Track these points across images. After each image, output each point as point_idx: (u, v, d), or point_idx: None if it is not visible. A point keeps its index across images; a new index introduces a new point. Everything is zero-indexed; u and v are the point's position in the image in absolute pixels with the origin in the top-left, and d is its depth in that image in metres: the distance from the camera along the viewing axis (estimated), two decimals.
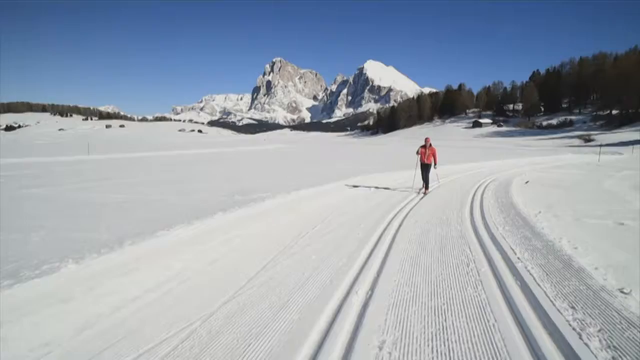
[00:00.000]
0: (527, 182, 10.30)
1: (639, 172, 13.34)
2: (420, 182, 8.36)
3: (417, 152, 8.40)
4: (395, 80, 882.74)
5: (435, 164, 8.38)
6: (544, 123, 72.53)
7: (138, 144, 45.25)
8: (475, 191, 8.37)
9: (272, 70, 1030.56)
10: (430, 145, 8.31)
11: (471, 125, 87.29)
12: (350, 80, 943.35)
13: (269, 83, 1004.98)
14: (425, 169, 8.25)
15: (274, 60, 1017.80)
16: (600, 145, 30.49)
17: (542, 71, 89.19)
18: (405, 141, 64.62)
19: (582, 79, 71.45)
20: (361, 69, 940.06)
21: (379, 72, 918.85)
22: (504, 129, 76.66)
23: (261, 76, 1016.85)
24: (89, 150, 26.13)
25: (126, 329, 2.29)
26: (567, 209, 6.09)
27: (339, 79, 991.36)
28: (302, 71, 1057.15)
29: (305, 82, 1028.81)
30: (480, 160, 18.10)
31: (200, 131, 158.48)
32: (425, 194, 7.99)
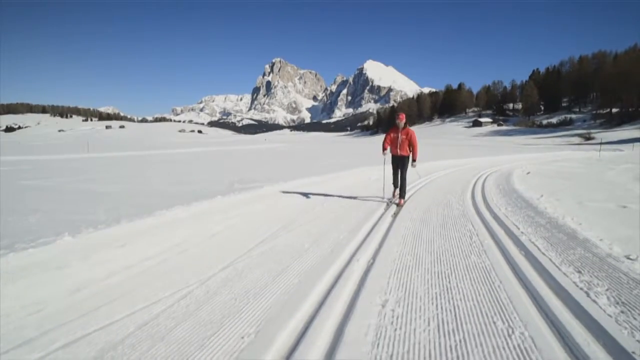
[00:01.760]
0: (528, 173, 10.25)
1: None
2: (392, 186, 5.47)
3: (384, 141, 5.35)
4: (395, 80, 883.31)
5: (414, 159, 5.26)
6: (544, 122, 72.43)
7: (138, 143, 45.22)
8: (476, 181, 8.31)
9: (271, 70, 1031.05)
10: (406, 125, 5.20)
11: (471, 124, 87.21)
12: (350, 80, 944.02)
13: (268, 83, 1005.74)
14: (399, 164, 5.28)
15: (273, 60, 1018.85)
16: (601, 143, 30.42)
17: (542, 70, 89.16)
18: None
19: (582, 77, 71.31)
20: (361, 69, 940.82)
21: (378, 72, 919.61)
22: (503, 128, 76.56)
23: (261, 77, 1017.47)
24: (89, 148, 26.08)
25: (121, 291, 2.23)
26: (569, 195, 6.03)
27: (339, 79, 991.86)
28: (301, 72, 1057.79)
29: (305, 82, 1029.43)
30: (480, 156, 18.04)
31: (200, 132, 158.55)
32: (399, 205, 5.09)
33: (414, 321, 1.85)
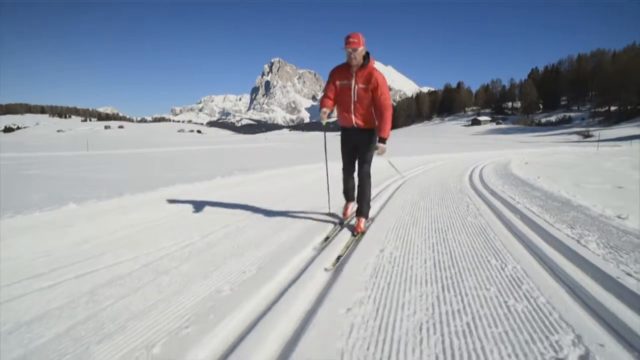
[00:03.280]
0: (526, 163, 10.33)
1: (638, 158, 13.36)
2: (343, 197, 3.05)
3: (324, 96, 2.71)
4: (394, 80, 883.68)
5: (382, 136, 2.40)
6: (543, 120, 72.64)
7: (138, 142, 45.22)
8: (474, 168, 8.39)
9: (270, 70, 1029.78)
10: (367, 62, 2.47)
11: (470, 123, 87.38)
12: None
13: (267, 83, 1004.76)
14: (357, 146, 2.70)
15: (272, 60, 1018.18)
16: (599, 140, 30.53)
17: (541, 69, 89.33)
18: (401, 139, 64.68)
19: (580, 76, 71.62)
20: None
21: None
22: (502, 126, 76.71)
23: (260, 77, 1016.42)
24: (89, 146, 26.08)
25: (125, 242, 2.29)
26: (566, 179, 6.12)
27: None
28: (300, 71, 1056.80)
29: (304, 82, 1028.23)
30: (479, 151, 18.15)
31: (199, 131, 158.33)
32: (356, 231, 2.43)
33: (411, 260, 1.91)
